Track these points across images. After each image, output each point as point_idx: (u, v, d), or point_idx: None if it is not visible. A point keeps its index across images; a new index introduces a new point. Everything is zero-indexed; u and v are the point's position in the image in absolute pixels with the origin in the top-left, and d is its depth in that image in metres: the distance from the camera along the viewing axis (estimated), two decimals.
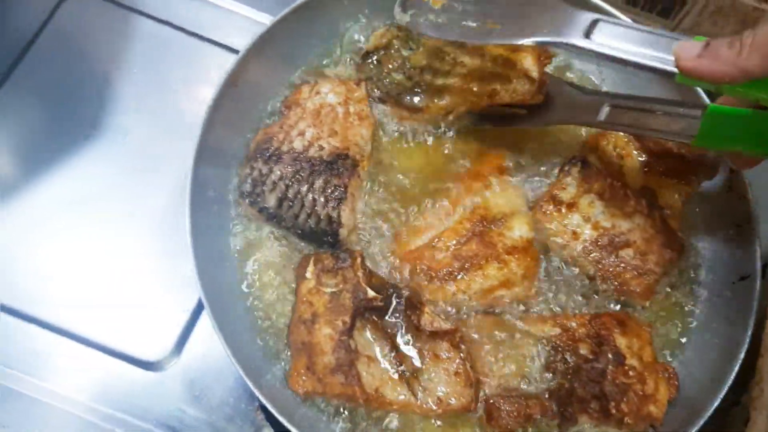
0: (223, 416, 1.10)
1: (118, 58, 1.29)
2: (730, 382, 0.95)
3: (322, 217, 1.04)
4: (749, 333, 0.99)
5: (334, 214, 1.03)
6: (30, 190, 1.20)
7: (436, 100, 1.12)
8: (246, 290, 1.04)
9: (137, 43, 1.31)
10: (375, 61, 1.14)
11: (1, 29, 1.29)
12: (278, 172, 1.04)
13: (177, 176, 1.17)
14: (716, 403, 0.94)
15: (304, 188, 1.04)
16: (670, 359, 1.07)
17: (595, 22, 0.89)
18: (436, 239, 1.07)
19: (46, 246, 1.17)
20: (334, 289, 0.99)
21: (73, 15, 1.32)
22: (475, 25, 0.95)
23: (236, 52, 1.06)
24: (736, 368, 0.96)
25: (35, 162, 1.22)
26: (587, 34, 0.88)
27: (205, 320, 1.12)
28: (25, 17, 1.30)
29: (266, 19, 1.26)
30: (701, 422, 0.93)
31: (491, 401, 0.99)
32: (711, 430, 1.08)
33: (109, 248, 1.17)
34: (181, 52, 1.32)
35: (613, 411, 0.96)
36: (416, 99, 1.12)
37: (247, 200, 1.05)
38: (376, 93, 1.13)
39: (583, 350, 1.00)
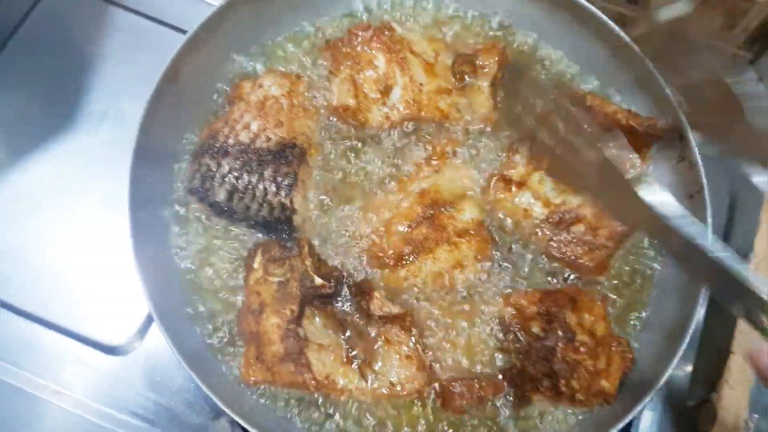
0: (182, 402, 1.11)
1: (98, 49, 1.32)
2: (680, 353, 0.94)
3: (274, 205, 1.04)
4: (701, 303, 0.98)
5: (287, 201, 1.04)
6: (5, 175, 1.22)
7: None
8: (195, 284, 1.04)
9: (116, 34, 1.34)
10: None
11: None
12: (226, 166, 1.05)
13: None
14: (667, 375, 0.93)
15: (254, 179, 1.04)
16: (627, 332, 1.06)
17: None
18: (387, 224, 1.07)
19: (15, 230, 1.19)
20: (281, 278, 1.00)
21: (53, 7, 1.34)
22: None
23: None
24: (687, 339, 0.95)
25: (11, 148, 1.24)
26: None
27: None
28: (5, 10, 1.33)
29: None
30: (652, 394, 0.92)
31: (444, 384, 0.99)
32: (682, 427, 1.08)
33: (79, 234, 1.19)
34: (159, 43, 1.33)
35: (564, 388, 0.95)
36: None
37: (196, 196, 1.05)
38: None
39: (535, 329, 1.00)
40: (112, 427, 1.10)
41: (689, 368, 1.16)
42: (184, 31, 1.16)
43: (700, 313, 0.99)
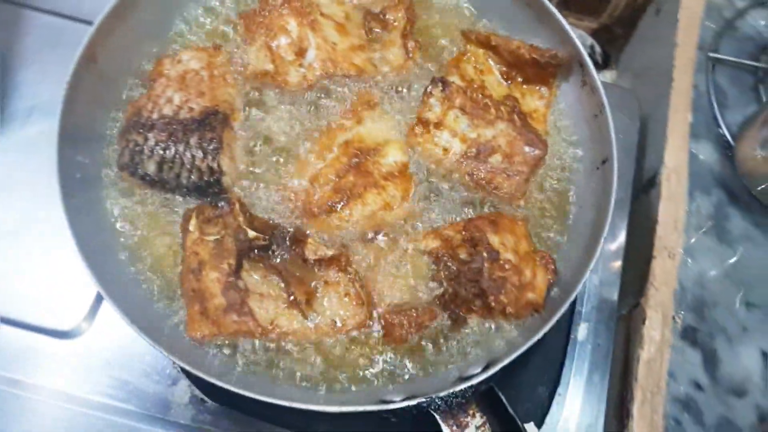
0: (140, 373, 1.15)
1: (15, 51, 1.35)
2: (596, 257, 1.01)
3: (203, 170, 1.08)
4: (611, 209, 1.04)
5: (214, 165, 1.08)
6: None
7: None
8: (135, 256, 1.07)
9: (31, 34, 1.37)
10: None
11: None
12: (153, 139, 1.08)
13: None
14: (585, 278, 1.00)
15: (181, 147, 1.08)
16: (549, 246, 1.12)
17: None
18: (315, 176, 1.12)
19: None
20: (216, 236, 1.04)
21: None
22: None
23: None
24: (601, 243, 1.02)
25: None
26: None
27: None
28: None
29: None
30: (572, 296, 0.99)
31: (385, 317, 1.05)
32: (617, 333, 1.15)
33: (17, 227, 1.22)
34: (75, 38, 1.32)
35: (493, 304, 1.01)
36: None
37: (127, 171, 1.09)
38: None
39: (462, 255, 1.05)
40: (79, 408, 1.13)
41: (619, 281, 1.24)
42: (88, 23, 1.20)
43: (620, 226, 1.05)
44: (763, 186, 1.22)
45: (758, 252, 1.23)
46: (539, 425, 1.15)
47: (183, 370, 1.14)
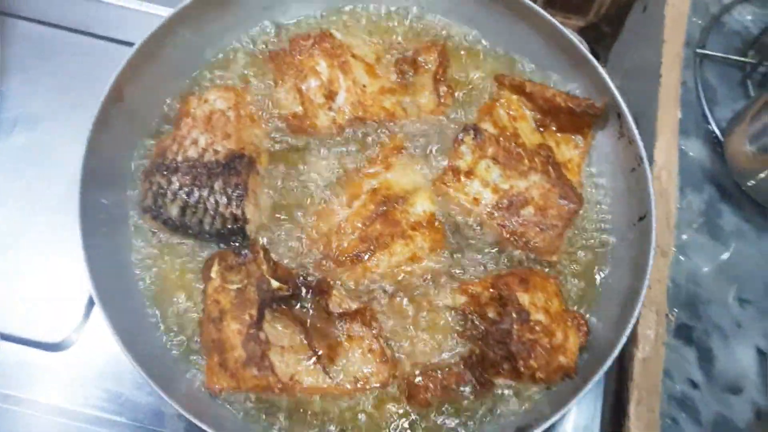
0: (133, 385, 1.12)
1: (5, 61, 1.33)
2: (634, 319, 0.96)
3: (227, 216, 1.05)
4: (649, 269, 1.00)
5: (238, 212, 1.05)
6: None
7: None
8: (153, 302, 1.05)
9: (16, 44, 1.35)
10: None
11: None
12: (177, 183, 1.06)
13: (74, 167, 1.09)
14: (622, 342, 0.95)
15: (205, 192, 1.06)
16: (582, 307, 1.08)
17: None
18: (342, 224, 1.09)
19: None
20: (238, 285, 1.01)
21: None
22: None
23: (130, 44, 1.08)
24: (639, 306, 0.97)
25: None
26: None
27: None
28: None
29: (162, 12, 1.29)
30: (608, 364, 0.94)
31: (408, 378, 1.01)
32: None
33: (4, 239, 1.20)
34: (58, 48, 1.35)
35: (523, 369, 0.97)
36: None
37: (149, 215, 1.07)
38: None
39: (490, 313, 1.01)
40: (72, 422, 1.10)
41: None
42: (80, 32, 1.22)
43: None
44: (753, 181, 1.20)
45: (750, 248, 1.21)
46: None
47: None
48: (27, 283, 1.18)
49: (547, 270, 1.09)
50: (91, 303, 1.16)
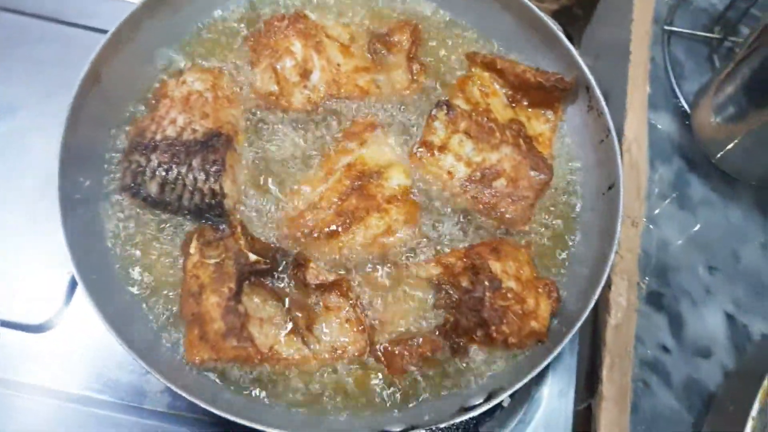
0: (114, 364, 1.14)
1: None
2: (602, 284, 0.99)
3: (205, 192, 1.07)
4: (617, 236, 1.03)
5: (216, 187, 1.07)
6: None
7: None
8: (135, 278, 1.07)
9: None
10: None
11: None
12: (156, 160, 1.08)
13: (51, 154, 1.09)
14: (590, 307, 0.98)
15: (184, 169, 1.07)
16: (552, 273, 1.11)
17: None
18: (318, 199, 1.11)
19: None
20: (217, 260, 1.03)
21: None
22: None
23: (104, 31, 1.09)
24: (607, 270, 1.00)
25: None
26: None
27: None
28: None
29: None
30: (577, 326, 0.97)
31: (386, 348, 1.03)
32: None
33: None
34: (34, 35, 1.35)
35: (495, 334, 1.00)
36: None
37: (129, 192, 1.08)
38: None
39: (464, 283, 1.04)
40: (56, 401, 1.12)
41: None
42: (53, 20, 1.21)
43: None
44: (720, 153, 1.24)
45: (718, 217, 1.26)
46: (512, 394, 1.13)
47: None
48: (8, 266, 1.19)
49: (519, 239, 1.11)
50: (72, 285, 1.18)
